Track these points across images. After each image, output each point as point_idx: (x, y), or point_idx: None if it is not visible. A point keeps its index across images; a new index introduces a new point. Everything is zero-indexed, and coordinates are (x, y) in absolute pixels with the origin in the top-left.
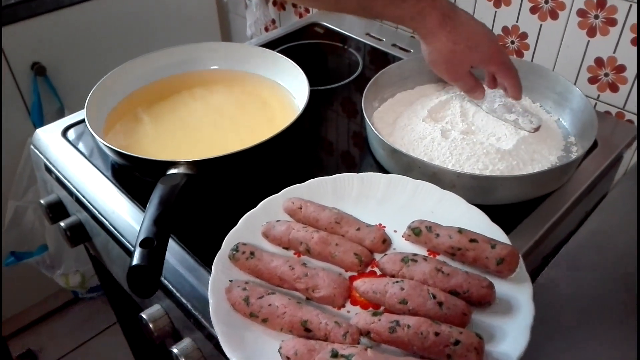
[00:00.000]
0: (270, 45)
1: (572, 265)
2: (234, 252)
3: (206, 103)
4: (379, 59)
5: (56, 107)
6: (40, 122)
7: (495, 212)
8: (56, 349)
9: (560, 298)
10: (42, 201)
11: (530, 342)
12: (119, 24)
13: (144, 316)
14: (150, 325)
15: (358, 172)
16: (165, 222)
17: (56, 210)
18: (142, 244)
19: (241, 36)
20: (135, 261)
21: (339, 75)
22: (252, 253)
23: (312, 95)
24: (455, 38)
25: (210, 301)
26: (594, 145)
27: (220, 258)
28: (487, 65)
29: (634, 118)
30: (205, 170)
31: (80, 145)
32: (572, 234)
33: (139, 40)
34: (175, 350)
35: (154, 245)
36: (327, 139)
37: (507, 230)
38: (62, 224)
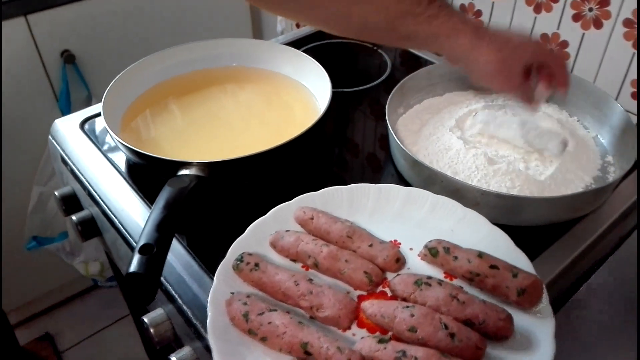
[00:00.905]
0: (300, 42)
1: (603, 293)
2: (238, 263)
3: (226, 102)
4: (410, 61)
5: (84, 95)
6: (67, 109)
7: (521, 234)
8: (73, 334)
9: (585, 327)
10: (56, 193)
11: None
12: (150, 14)
13: (145, 320)
14: (151, 330)
15: (378, 181)
16: (168, 227)
17: (70, 203)
18: (142, 250)
19: (272, 31)
20: (132, 268)
21: (368, 76)
22: (256, 264)
23: (340, 96)
24: (498, 45)
25: (209, 313)
26: (634, 166)
27: (224, 267)
28: (540, 56)
29: None
30: (217, 173)
31: (98, 139)
32: (604, 260)
33: (170, 32)
34: (173, 359)
35: (153, 252)
36: (354, 140)
37: (533, 255)
38: (73, 217)
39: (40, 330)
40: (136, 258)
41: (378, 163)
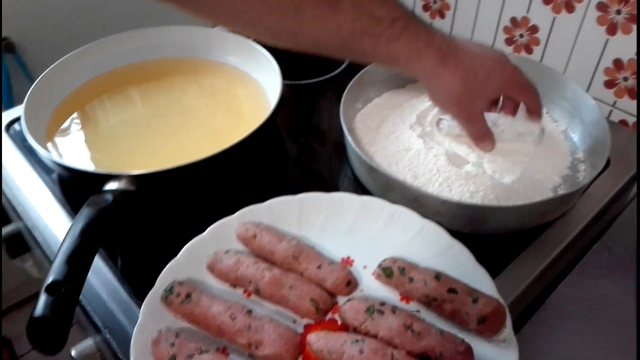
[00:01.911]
0: None
1: (572, 301)
2: (167, 294)
3: (168, 99)
4: None
5: (28, 87)
6: (9, 103)
7: (485, 244)
8: None
9: (556, 339)
10: None
11: None
12: None
13: (72, 353)
14: None
15: (334, 185)
16: (83, 260)
17: None
18: (49, 288)
19: None
20: (37, 312)
21: (334, 63)
22: (188, 295)
23: (301, 88)
24: (463, 73)
25: (131, 357)
26: (605, 166)
27: (152, 299)
28: (508, 90)
29: None
30: (149, 186)
31: (25, 144)
32: (575, 263)
33: (120, 16)
34: None
35: (61, 292)
36: (319, 128)
37: (499, 268)
38: None
39: None
40: (42, 299)
41: (332, 164)
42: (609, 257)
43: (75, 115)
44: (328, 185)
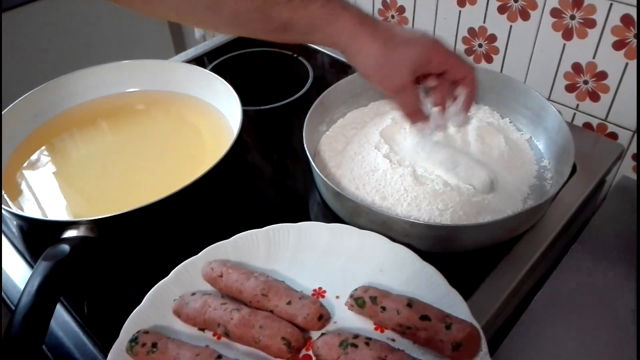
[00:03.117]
0: (217, 52)
1: (551, 312)
2: (133, 345)
3: (128, 136)
4: (335, 66)
5: None
6: None
7: (457, 262)
8: None
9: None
10: None
11: None
12: (59, 29)
13: None
14: None
15: (303, 210)
16: (39, 319)
17: None
18: (4, 352)
19: (193, 38)
20: None
21: (292, 88)
22: (154, 345)
23: (266, 112)
24: (384, 35)
25: None
26: (573, 167)
27: (117, 351)
28: (438, 64)
29: (618, 130)
30: (109, 231)
31: None
32: (549, 273)
33: (85, 48)
34: None
35: (18, 355)
36: (292, 146)
37: (472, 287)
38: None
39: None
40: None
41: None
42: (583, 262)
43: (30, 160)
44: (304, 202)
